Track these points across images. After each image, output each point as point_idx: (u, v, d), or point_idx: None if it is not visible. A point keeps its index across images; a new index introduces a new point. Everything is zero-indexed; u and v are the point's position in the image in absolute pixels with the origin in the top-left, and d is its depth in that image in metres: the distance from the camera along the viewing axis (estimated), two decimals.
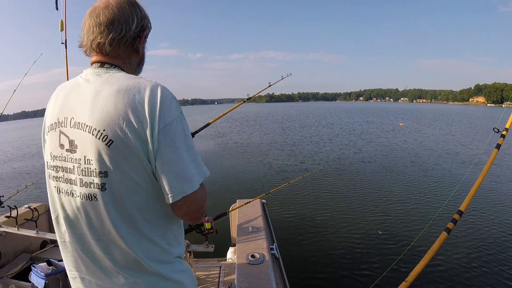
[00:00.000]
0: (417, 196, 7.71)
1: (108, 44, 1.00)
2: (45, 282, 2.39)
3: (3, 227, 3.18)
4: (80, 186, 0.94)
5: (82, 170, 0.93)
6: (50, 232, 3.29)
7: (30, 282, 2.56)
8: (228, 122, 36.22)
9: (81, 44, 1.05)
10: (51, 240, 3.65)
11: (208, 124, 2.52)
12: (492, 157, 2.08)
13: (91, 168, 0.91)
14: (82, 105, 0.94)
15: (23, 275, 2.97)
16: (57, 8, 2.69)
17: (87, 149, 0.91)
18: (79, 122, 0.92)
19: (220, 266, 3.10)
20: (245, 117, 46.55)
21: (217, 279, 2.89)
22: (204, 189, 1.02)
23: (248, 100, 3.44)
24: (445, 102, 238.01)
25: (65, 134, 0.96)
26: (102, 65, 1.02)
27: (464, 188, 7.78)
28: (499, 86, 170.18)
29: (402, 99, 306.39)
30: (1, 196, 3.59)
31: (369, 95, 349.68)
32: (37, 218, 3.23)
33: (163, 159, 0.90)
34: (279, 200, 7.31)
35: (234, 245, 3.19)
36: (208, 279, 2.92)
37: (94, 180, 0.91)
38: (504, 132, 2.15)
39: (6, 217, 3.20)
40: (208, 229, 2.72)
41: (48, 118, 1.02)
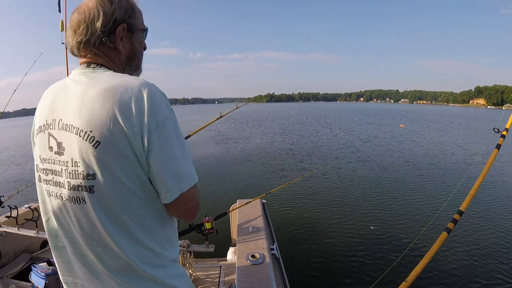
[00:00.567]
0: (417, 196, 7.72)
1: (75, 47, 1.00)
2: (45, 282, 2.39)
3: (3, 227, 3.18)
4: (68, 189, 0.92)
5: (69, 173, 0.91)
6: None
7: (30, 282, 2.56)
8: (228, 122, 36.19)
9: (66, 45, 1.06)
10: None
11: (188, 137, 2.51)
12: (492, 157, 2.08)
13: (78, 171, 0.89)
14: (69, 106, 0.92)
15: (23, 275, 2.97)
16: (60, 10, 2.69)
17: (74, 151, 0.89)
18: (67, 124, 0.91)
19: (220, 266, 3.10)
20: (245, 117, 46.52)
21: (217, 279, 2.89)
22: (196, 185, 1.00)
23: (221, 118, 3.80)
24: (445, 103, 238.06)
25: (53, 136, 0.94)
26: (88, 65, 1.00)
27: (464, 188, 7.77)
28: (499, 88, 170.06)
29: (402, 100, 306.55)
30: (1, 196, 3.59)
31: (369, 96, 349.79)
32: (37, 218, 3.23)
33: (158, 158, 0.89)
34: (279, 200, 7.32)
35: (234, 245, 3.18)
36: (208, 279, 2.92)
37: (82, 183, 0.90)
38: (504, 132, 2.15)
39: (6, 217, 3.20)
40: (208, 229, 2.72)
41: (37, 120, 1.01)
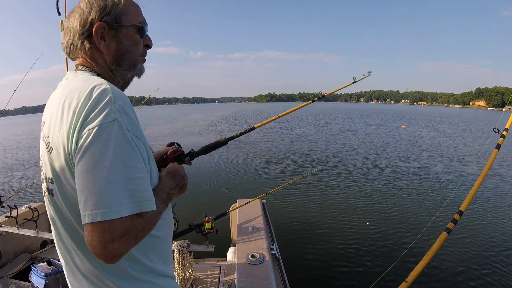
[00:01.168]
0: (417, 196, 7.72)
1: (66, 52, 1.02)
2: (45, 282, 2.39)
3: (3, 227, 3.18)
4: (46, 190, 0.96)
5: (44, 174, 0.95)
6: (50, 232, 3.28)
7: (30, 282, 2.56)
8: (228, 122, 36.22)
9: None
10: (51, 240, 3.64)
11: (253, 128, 2.26)
12: (492, 157, 2.07)
13: (45, 173, 0.94)
14: (48, 109, 0.95)
15: (23, 275, 2.97)
16: (60, 13, 2.69)
17: (43, 155, 0.94)
18: (43, 127, 0.94)
19: (220, 266, 3.09)
20: (245, 117, 46.55)
21: (217, 279, 2.89)
22: (131, 223, 0.78)
23: (320, 99, 2.87)
24: (445, 105, 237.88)
25: (42, 137, 0.97)
26: (77, 67, 1.00)
27: (464, 188, 7.78)
28: (500, 90, 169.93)
29: (403, 101, 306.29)
30: (1, 196, 3.59)
31: (370, 96, 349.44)
32: (37, 218, 3.23)
33: (77, 171, 0.79)
34: (279, 200, 7.32)
35: (234, 245, 3.19)
36: (208, 279, 2.92)
37: (46, 185, 0.94)
38: (504, 133, 2.14)
39: (6, 217, 3.21)
40: (208, 229, 2.72)
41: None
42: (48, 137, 0.88)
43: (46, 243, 3.69)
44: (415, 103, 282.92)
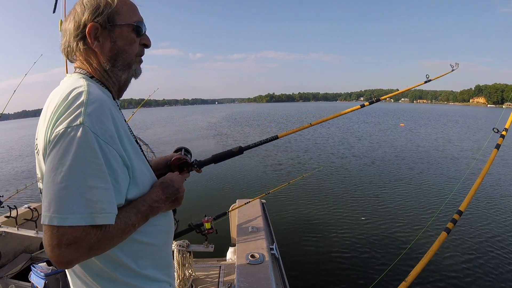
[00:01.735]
0: (417, 196, 7.72)
1: (64, 54, 1.01)
2: (45, 282, 2.39)
3: (3, 227, 3.18)
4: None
5: (37, 174, 0.97)
6: None
7: (30, 282, 2.56)
8: (228, 122, 36.22)
9: None
10: None
11: (276, 137, 1.89)
12: (491, 157, 2.07)
13: (37, 173, 0.95)
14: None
15: (23, 275, 2.97)
16: (54, 11, 2.67)
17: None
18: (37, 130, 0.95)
19: (220, 266, 3.10)
20: (246, 116, 46.55)
21: (217, 279, 2.89)
22: (83, 233, 0.75)
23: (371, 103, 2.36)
24: (445, 102, 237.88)
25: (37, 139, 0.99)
26: (74, 70, 1.01)
27: (464, 188, 7.79)
28: (499, 87, 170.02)
29: (402, 99, 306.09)
30: (1, 196, 3.59)
31: (369, 95, 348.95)
32: (37, 218, 3.23)
33: (45, 171, 0.79)
34: (279, 200, 7.32)
35: (234, 245, 3.19)
36: (207, 279, 2.92)
37: (39, 185, 0.96)
38: (504, 132, 2.14)
39: (6, 217, 3.21)
40: (208, 229, 2.72)
41: None
42: (37, 139, 0.90)
43: None
44: (414, 102, 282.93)
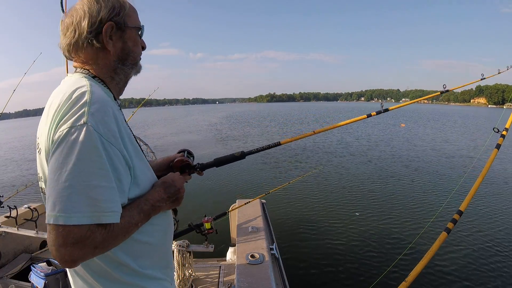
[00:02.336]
0: (417, 196, 7.71)
1: (66, 51, 0.98)
2: (45, 282, 2.39)
3: (3, 227, 3.19)
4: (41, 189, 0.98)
5: (38, 173, 0.97)
6: None
7: (29, 282, 2.56)
8: (229, 122, 36.23)
9: None
10: None
11: (279, 143, 1.90)
12: (492, 157, 2.07)
13: (38, 173, 0.96)
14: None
15: (23, 275, 2.98)
16: (64, 11, 2.68)
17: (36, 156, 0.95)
18: (38, 130, 0.95)
19: (220, 266, 3.10)
20: (246, 116, 46.54)
21: (217, 279, 2.89)
22: (87, 232, 0.76)
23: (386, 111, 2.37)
24: (446, 103, 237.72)
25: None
26: (75, 70, 1.00)
27: (464, 188, 7.77)
28: (500, 87, 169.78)
29: (403, 99, 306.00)
30: (1, 196, 3.59)
31: (370, 95, 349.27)
32: (36, 218, 3.23)
33: (48, 170, 0.80)
34: (279, 200, 7.32)
35: (233, 245, 3.19)
36: (207, 279, 2.92)
37: (40, 184, 0.96)
38: (504, 132, 2.14)
39: (6, 217, 3.21)
40: (207, 229, 2.71)
41: None
42: (38, 138, 0.91)
43: (45, 243, 3.69)
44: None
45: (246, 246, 2.64)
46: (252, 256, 2.41)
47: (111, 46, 0.98)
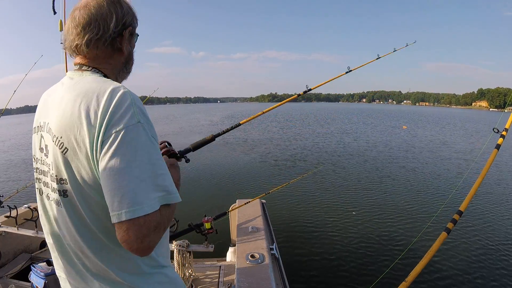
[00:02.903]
0: (417, 196, 7.71)
1: (84, 45, 0.97)
2: (45, 282, 2.39)
3: (2, 227, 3.18)
4: (51, 191, 0.96)
5: (51, 175, 0.94)
6: None
7: (29, 282, 2.56)
8: (230, 121, 36.21)
9: (64, 45, 1.03)
10: None
11: (238, 125, 2.22)
12: (492, 157, 2.07)
13: (54, 175, 0.92)
14: (52, 110, 0.94)
15: (23, 275, 2.97)
16: (55, 12, 2.68)
17: (52, 156, 0.92)
18: (50, 128, 0.93)
19: (220, 266, 3.09)
20: (246, 117, 46.54)
21: (217, 279, 2.89)
22: (160, 216, 0.85)
23: (305, 93, 2.76)
24: (448, 105, 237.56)
25: (44, 139, 0.97)
26: (80, 67, 0.99)
27: (464, 188, 7.78)
28: (502, 91, 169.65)
29: (405, 101, 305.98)
30: (1, 196, 3.59)
31: (372, 97, 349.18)
32: (36, 218, 3.23)
33: (105, 172, 0.81)
34: (279, 200, 7.32)
35: (233, 245, 3.18)
36: (207, 279, 2.91)
37: (57, 186, 0.92)
38: (504, 133, 2.14)
39: (6, 217, 3.21)
40: (207, 229, 2.71)
41: (34, 121, 1.03)
42: (61, 138, 0.87)
43: (45, 243, 3.68)
44: (417, 104, 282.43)
45: (246, 246, 2.63)
46: (252, 256, 2.41)
47: (125, 49, 1.04)
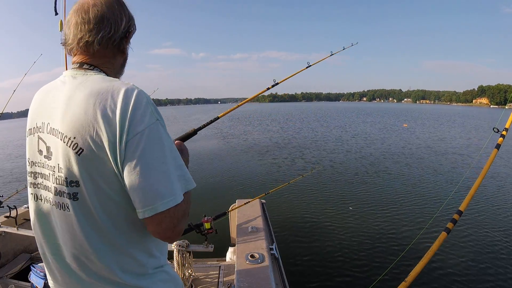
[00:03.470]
0: (417, 196, 7.70)
1: (97, 43, 0.95)
2: (45, 282, 2.39)
3: (2, 227, 3.18)
4: (54, 195, 0.91)
5: (56, 178, 0.90)
6: None
7: (29, 282, 2.56)
8: (230, 121, 36.23)
9: (66, 42, 0.99)
10: None
11: (217, 118, 2.38)
12: (492, 157, 2.06)
13: (62, 177, 0.88)
14: (56, 110, 0.90)
15: (23, 275, 2.97)
16: (57, 13, 2.68)
17: (60, 157, 0.88)
18: (54, 128, 0.90)
19: (220, 266, 3.09)
20: (247, 116, 46.57)
21: (217, 279, 2.88)
22: (184, 204, 0.91)
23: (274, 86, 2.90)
24: (448, 103, 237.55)
25: (43, 140, 0.93)
26: (81, 65, 0.97)
27: (464, 188, 7.77)
28: (502, 88, 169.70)
29: (405, 99, 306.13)
30: (1, 196, 3.59)
31: (372, 95, 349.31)
32: None
33: (132, 170, 0.83)
34: (279, 200, 7.31)
35: (233, 245, 3.18)
36: (207, 279, 2.91)
37: (66, 189, 0.88)
38: (504, 132, 2.14)
39: (6, 217, 3.20)
40: (207, 229, 2.71)
41: (28, 122, 0.99)
42: (75, 138, 0.85)
43: None
44: (417, 102, 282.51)
45: (246, 246, 2.63)
46: (252, 256, 2.41)
47: (126, 51, 1.07)
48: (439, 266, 4.43)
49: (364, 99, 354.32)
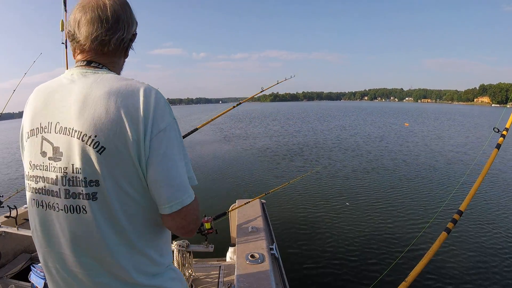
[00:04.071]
0: (417, 196, 7.68)
1: (113, 43, 0.94)
2: (45, 282, 2.40)
3: (2, 227, 3.18)
4: (64, 198, 0.86)
5: (68, 180, 0.85)
6: None
7: (29, 282, 2.57)
8: (231, 121, 36.23)
9: (75, 38, 0.95)
10: None
11: (195, 129, 2.42)
12: (492, 157, 2.06)
13: (79, 178, 0.84)
14: (68, 108, 0.86)
15: (23, 275, 2.97)
16: (66, 10, 2.68)
17: (75, 157, 0.84)
18: (66, 127, 0.85)
19: (220, 266, 3.09)
20: (247, 116, 46.55)
21: (217, 279, 2.89)
22: (197, 198, 0.95)
23: (238, 105, 3.54)
24: (450, 102, 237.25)
25: (48, 141, 0.88)
26: (89, 63, 0.94)
27: (464, 188, 7.75)
28: (504, 86, 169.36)
29: (407, 98, 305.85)
30: (1, 196, 3.59)
31: (373, 94, 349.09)
32: None
33: (158, 166, 0.84)
34: (279, 200, 7.31)
35: (233, 245, 3.18)
36: (207, 279, 2.91)
37: (83, 190, 0.84)
38: (504, 132, 2.14)
39: (6, 217, 3.20)
40: (207, 229, 2.71)
41: (27, 124, 0.94)
42: (96, 136, 0.82)
43: None
44: (419, 101, 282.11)
45: (246, 246, 2.64)
46: (252, 256, 2.41)
47: (128, 53, 1.08)
48: (439, 266, 4.42)
49: (366, 98, 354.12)
